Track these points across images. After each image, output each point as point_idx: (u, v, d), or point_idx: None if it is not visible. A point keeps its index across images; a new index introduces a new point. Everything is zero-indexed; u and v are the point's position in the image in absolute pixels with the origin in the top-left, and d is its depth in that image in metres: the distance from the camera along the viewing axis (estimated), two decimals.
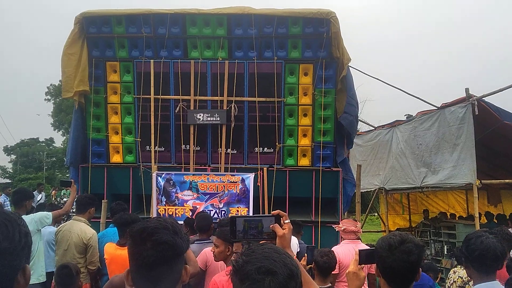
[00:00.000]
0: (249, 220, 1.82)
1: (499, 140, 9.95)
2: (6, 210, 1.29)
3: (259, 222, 1.80)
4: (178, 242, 1.58)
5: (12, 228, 1.20)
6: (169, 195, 6.88)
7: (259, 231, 1.78)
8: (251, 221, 1.80)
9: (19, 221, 1.25)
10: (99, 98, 7.24)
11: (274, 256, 1.31)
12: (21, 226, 1.25)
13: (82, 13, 6.99)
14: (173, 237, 1.58)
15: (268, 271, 1.26)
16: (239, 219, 1.79)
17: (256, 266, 1.27)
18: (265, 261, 1.28)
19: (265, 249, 1.36)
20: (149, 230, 1.58)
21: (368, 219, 18.24)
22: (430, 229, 11.32)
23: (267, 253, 1.32)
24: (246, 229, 1.77)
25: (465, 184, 8.75)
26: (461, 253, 2.68)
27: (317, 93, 6.95)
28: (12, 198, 5.39)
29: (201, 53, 7.08)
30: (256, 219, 1.82)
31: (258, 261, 1.28)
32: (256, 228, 1.78)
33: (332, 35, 6.73)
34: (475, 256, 2.63)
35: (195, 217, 5.66)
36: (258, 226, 1.79)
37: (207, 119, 7.01)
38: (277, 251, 1.36)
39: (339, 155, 7.20)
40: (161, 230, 1.57)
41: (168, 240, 1.56)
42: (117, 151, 7.36)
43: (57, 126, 42.21)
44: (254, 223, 1.80)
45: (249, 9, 6.85)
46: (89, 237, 4.94)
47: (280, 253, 1.35)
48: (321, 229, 6.84)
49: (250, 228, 1.77)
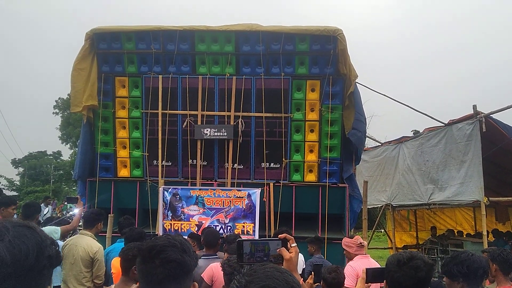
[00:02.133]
0: (256, 243, 1.83)
1: (506, 157, 9.89)
2: (36, 231, 1.24)
3: (265, 245, 1.81)
4: (186, 260, 1.61)
5: (27, 250, 1.17)
6: (175, 209, 6.89)
7: (266, 253, 1.80)
8: (258, 244, 1.82)
9: (42, 243, 1.22)
10: (107, 113, 7.31)
11: (276, 275, 1.32)
12: (45, 248, 1.22)
13: (93, 29, 7.11)
14: (182, 255, 1.60)
15: None
16: (246, 242, 1.81)
17: (259, 286, 1.27)
18: (268, 280, 1.29)
19: (267, 268, 1.36)
20: (158, 248, 1.60)
21: (375, 236, 18.08)
22: (438, 247, 11.22)
23: (270, 272, 1.33)
24: (253, 252, 1.79)
25: (473, 202, 8.69)
26: (459, 273, 2.72)
27: (324, 109, 6.97)
28: (23, 211, 5.41)
29: (209, 69, 7.16)
30: (263, 242, 1.84)
31: (261, 280, 1.29)
32: (262, 251, 1.80)
33: (339, 52, 6.78)
34: (479, 274, 2.69)
35: (202, 233, 5.65)
36: (265, 249, 1.80)
37: (214, 134, 7.05)
38: (279, 270, 1.37)
39: (345, 171, 7.19)
40: (169, 248, 1.60)
41: (177, 258, 1.59)
42: (124, 165, 7.40)
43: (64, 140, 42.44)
44: (260, 246, 1.81)
45: (256, 26, 6.93)
46: (95, 251, 4.93)
47: (282, 272, 1.36)
48: (327, 246, 6.80)
49: (256, 251, 1.79)
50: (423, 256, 2.18)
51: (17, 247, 1.17)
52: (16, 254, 1.16)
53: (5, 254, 1.14)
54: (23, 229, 1.22)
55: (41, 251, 1.21)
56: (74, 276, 4.60)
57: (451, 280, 2.83)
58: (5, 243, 1.16)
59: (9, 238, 1.17)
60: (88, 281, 4.78)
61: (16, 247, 1.17)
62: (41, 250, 1.21)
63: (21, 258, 1.16)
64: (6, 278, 1.15)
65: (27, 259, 1.17)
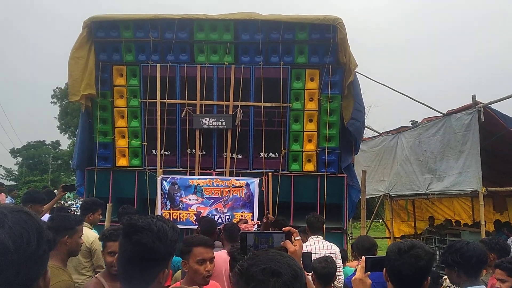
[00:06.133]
0: (260, 235, 1.87)
1: (505, 147, 9.91)
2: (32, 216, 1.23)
3: (269, 237, 1.84)
4: (158, 247, 1.63)
5: (28, 236, 1.16)
6: (173, 199, 6.89)
7: (270, 245, 1.83)
8: (261, 236, 1.84)
9: (40, 228, 1.21)
10: (105, 102, 7.28)
11: (278, 258, 1.33)
12: (43, 232, 1.22)
13: (91, 18, 7.05)
14: (154, 242, 1.63)
15: (273, 272, 1.27)
16: (249, 234, 1.84)
17: (260, 268, 1.29)
18: (270, 263, 1.30)
19: (269, 252, 1.39)
20: (136, 228, 1.65)
21: (373, 226, 18.16)
22: (436, 236, 11.28)
23: (272, 256, 1.35)
24: (256, 244, 1.82)
25: (471, 191, 8.73)
26: (454, 262, 2.77)
27: (323, 99, 6.95)
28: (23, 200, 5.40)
29: (208, 57, 7.11)
30: (267, 235, 1.87)
31: (263, 263, 1.31)
32: (266, 243, 1.83)
33: (338, 41, 6.74)
34: (473, 263, 2.74)
35: (200, 221, 5.67)
36: (269, 241, 1.83)
37: (212, 124, 7.03)
38: (281, 254, 1.39)
39: (344, 161, 7.19)
40: (145, 232, 1.63)
41: (148, 242, 1.62)
42: (123, 154, 7.39)
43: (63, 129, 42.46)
44: (264, 237, 1.84)
45: (256, 15, 6.88)
46: (92, 241, 4.92)
47: (284, 256, 1.37)
48: (326, 235, 6.82)
49: (260, 243, 1.82)
50: (424, 245, 2.19)
51: (18, 233, 1.15)
52: (18, 240, 1.15)
53: (8, 241, 1.13)
54: (21, 214, 1.21)
55: (41, 236, 1.21)
56: (74, 268, 4.61)
57: (448, 269, 2.86)
58: (5, 230, 1.14)
59: (9, 225, 1.16)
60: (88, 271, 4.79)
61: (17, 233, 1.15)
62: (40, 235, 1.21)
63: (23, 244, 1.15)
64: (9, 265, 1.13)
65: (29, 245, 1.16)
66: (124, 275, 1.67)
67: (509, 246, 4.20)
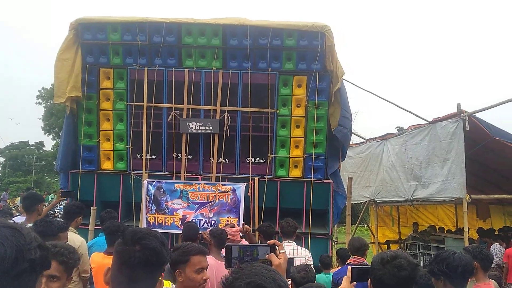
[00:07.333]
0: (245, 247, 1.88)
1: (489, 155, 10.05)
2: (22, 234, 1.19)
3: (254, 249, 1.85)
4: (163, 252, 1.75)
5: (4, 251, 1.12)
6: (159, 203, 6.84)
7: (254, 258, 1.83)
8: (246, 249, 1.85)
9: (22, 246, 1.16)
10: (91, 104, 7.20)
11: (263, 272, 1.33)
12: (26, 251, 1.17)
13: (78, 20, 6.98)
14: (160, 247, 1.74)
15: (258, 286, 1.27)
16: (234, 247, 1.86)
17: (245, 282, 1.28)
18: (255, 277, 1.30)
19: (254, 266, 1.38)
20: (141, 234, 1.75)
21: (358, 231, 18.20)
22: (419, 242, 11.38)
23: (257, 270, 1.34)
24: (241, 256, 1.84)
25: (455, 199, 8.82)
26: (440, 271, 2.79)
27: (310, 105, 6.98)
28: (23, 204, 5.33)
29: (196, 62, 7.09)
30: (251, 247, 1.88)
31: (248, 277, 1.30)
32: (251, 256, 1.83)
33: (326, 48, 6.78)
34: (459, 272, 2.76)
35: (182, 227, 5.63)
36: (254, 254, 1.83)
37: (199, 128, 7.01)
38: (266, 268, 1.38)
39: (330, 167, 7.22)
40: (151, 237, 1.74)
41: (156, 247, 1.72)
42: (108, 158, 7.32)
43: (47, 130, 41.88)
44: (249, 250, 1.86)
45: (244, 20, 6.89)
46: (78, 245, 4.84)
47: (269, 270, 1.37)
48: (311, 240, 6.84)
49: (245, 255, 1.83)
50: (407, 255, 2.20)
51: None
52: None
53: None
54: (4, 230, 1.18)
55: (21, 254, 1.17)
56: None
57: (435, 279, 2.88)
58: None
59: None
60: (74, 275, 4.72)
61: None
62: (21, 253, 1.17)
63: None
64: None
65: (3, 261, 1.13)
66: (126, 282, 1.70)
67: (491, 255, 4.26)
